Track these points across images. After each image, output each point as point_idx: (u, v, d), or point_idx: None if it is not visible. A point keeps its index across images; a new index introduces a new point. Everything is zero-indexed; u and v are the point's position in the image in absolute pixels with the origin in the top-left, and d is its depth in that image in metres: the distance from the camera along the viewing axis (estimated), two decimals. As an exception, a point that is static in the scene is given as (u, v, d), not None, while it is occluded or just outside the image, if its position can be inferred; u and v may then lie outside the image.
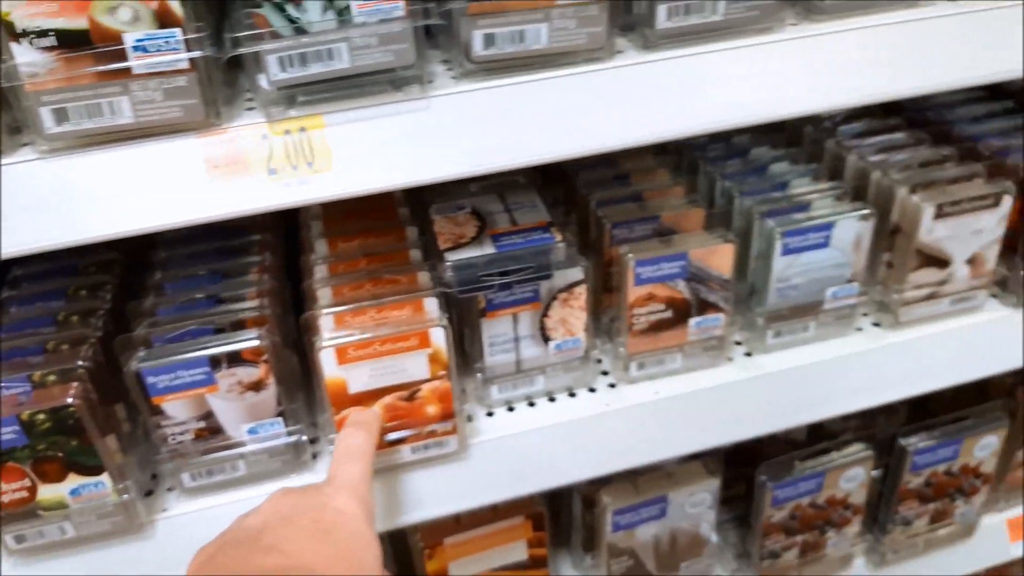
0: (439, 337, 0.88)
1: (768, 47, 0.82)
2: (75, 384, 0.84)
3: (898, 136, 1.15)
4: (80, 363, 0.86)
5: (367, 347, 0.86)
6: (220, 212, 0.73)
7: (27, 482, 0.86)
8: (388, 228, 1.05)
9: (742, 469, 1.32)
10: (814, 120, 1.21)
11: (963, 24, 0.87)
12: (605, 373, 1.09)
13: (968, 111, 1.21)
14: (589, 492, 1.23)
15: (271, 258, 1.03)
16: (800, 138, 1.22)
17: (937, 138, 1.14)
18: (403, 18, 0.72)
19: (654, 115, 0.81)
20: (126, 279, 1.03)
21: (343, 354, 0.86)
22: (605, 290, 1.10)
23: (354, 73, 0.74)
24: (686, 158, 1.19)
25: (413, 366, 0.89)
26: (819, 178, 1.09)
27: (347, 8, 0.71)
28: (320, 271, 0.98)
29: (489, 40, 0.75)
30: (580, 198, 1.11)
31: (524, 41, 0.76)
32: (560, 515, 1.35)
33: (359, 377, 0.88)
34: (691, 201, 1.07)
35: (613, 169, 1.16)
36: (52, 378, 0.85)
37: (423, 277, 0.95)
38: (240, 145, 0.73)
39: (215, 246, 1.05)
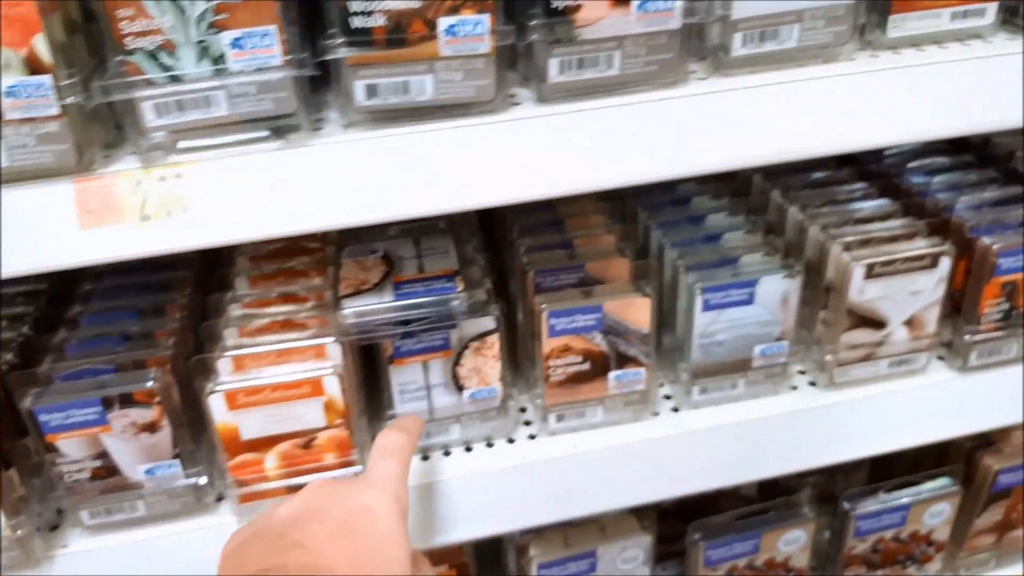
0: (332, 385, 0.87)
1: (672, 102, 0.80)
2: (-34, 420, 0.84)
3: (844, 188, 1.12)
4: (-23, 398, 0.87)
5: (258, 394, 0.85)
6: (92, 258, 0.73)
7: (-83, 515, 0.86)
8: (313, 267, 1.04)
9: (685, 524, 1.28)
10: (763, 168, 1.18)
11: (896, 80, 0.84)
12: (528, 423, 1.07)
13: (923, 163, 1.17)
14: (522, 542, 1.21)
15: (191, 296, 1.02)
16: (748, 187, 1.19)
17: (885, 190, 1.11)
18: (280, 67, 0.71)
19: (543, 171, 0.79)
20: (50, 311, 1.04)
21: (232, 400, 0.85)
22: (534, 338, 1.07)
23: (234, 120, 0.73)
24: (628, 205, 1.17)
25: (308, 414, 0.88)
26: (755, 231, 1.06)
27: (223, 56, 0.70)
28: (234, 310, 0.97)
29: (372, 91, 0.74)
30: (512, 244, 1.09)
31: (408, 92, 0.75)
32: (500, 561, 1.33)
33: (251, 423, 0.87)
34: (619, 250, 1.04)
35: (550, 213, 1.14)
36: (-50, 412, 0.86)
37: (334, 319, 0.94)
38: (114, 191, 0.72)
39: (142, 280, 1.05)
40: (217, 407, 0.85)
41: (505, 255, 1.13)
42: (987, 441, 1.24)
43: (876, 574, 1.26)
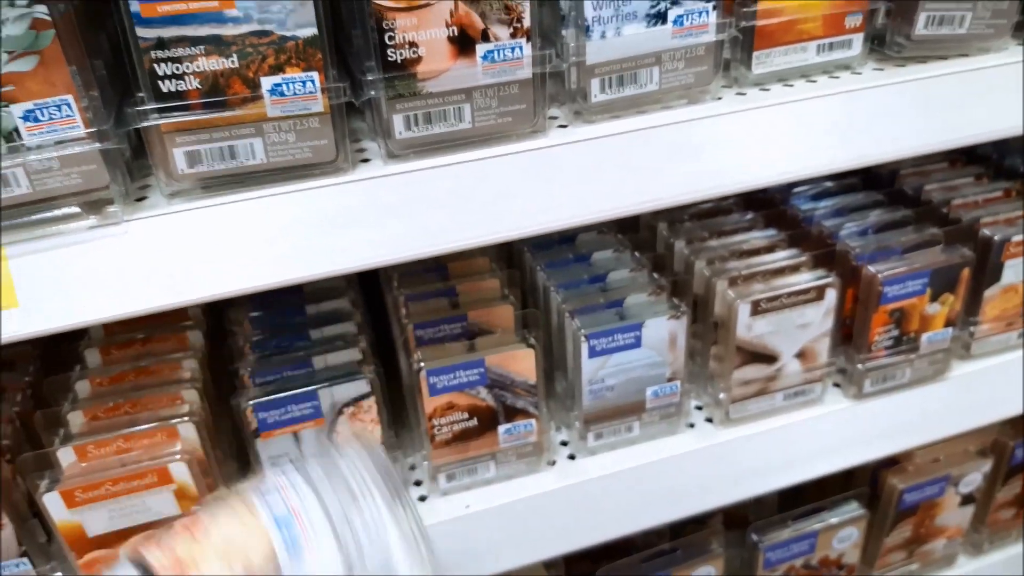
0: (182, 472, 0.79)
1: (532, 154, 0.75)
2: None
3: (730, 219, 1.09)
4: None
5: (98, 488, 0.77)
6: None
7: None
8: (173, 332, 0.96)
9: (598, 562, 1.24)
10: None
11: (764, 119, 0.81)
12: (419, 483, 1.01)
13: (808, 188, 1.15)
14: (425, 599, 1.15)
15: (35, 374, 0.94)
16: (636, 221, 1.15)
17: (771, 219, 1.08)
18: (83, 139, 0.64)
19: (398, 232, 0.73)
20: None
21: (71, 498, 0.77)
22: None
23: (37, 199, 0.66)
24: (514, 244, 1.12)
25: (158, 503, 0.80)
26: (640, 268, 1.02)
27: (16, 131, 0.63)
28: (82, 388, 0.89)
29: (194, 158, 0.67)
30: (392, 293, 1.03)
31: (236, 157, 0.68)
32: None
33: (96, 520, 0.79)
34: (503, 297, 0.99)
35: (432, 259, 1.08)
36: None
37: (190, 395, 0.87)
38: (-97, 285, 0.64)
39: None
40: (54, 506, 0.77)
41: (387, 303, 1.07)
42: (890, 461, 1.23)
43: (789, 603, 1.24)
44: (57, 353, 0.96)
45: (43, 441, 0.83)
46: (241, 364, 0.91)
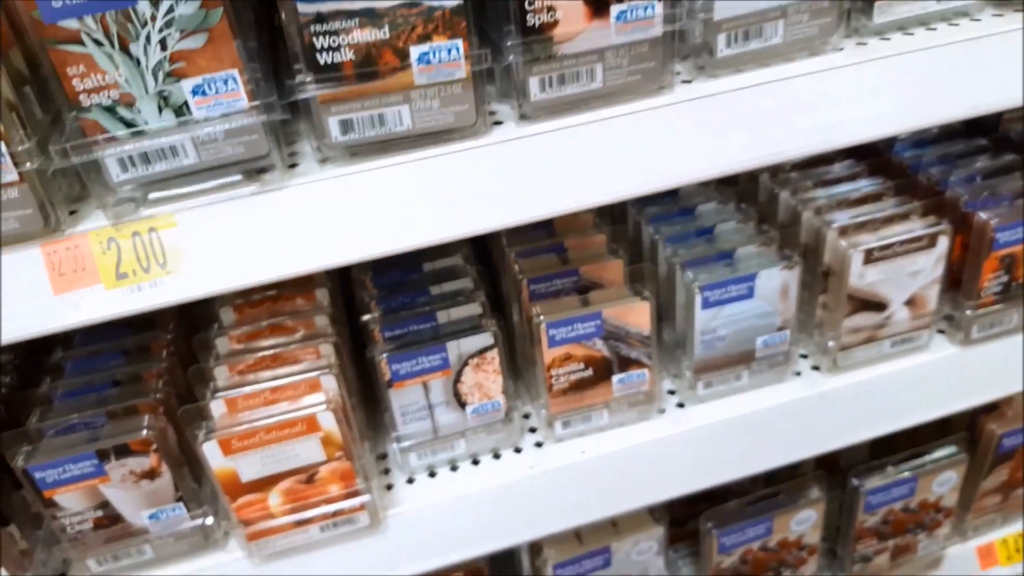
0: (328, 421, 0.85)
1: (660, 111, 0.77)
2: (-42, 485, 0.82)
3: (834, 168, 1.10)
4: (-33, 460, 0.84)
5: (252, 437, 0.83)
6: (69, 323, 0.70)
7: (-80, 584, 0.85)
8: (301, 291, 1.01)
9: (697, 506, 1.28)
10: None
11: (885, 69, 0.81)
12: (534, 430, 1.05)
13: (912, 135, 1.15)
14: (536, 541, 1.20)
15: (175, 330, 1.00)
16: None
17: (875, 169, 1.08)
18: (247, 111, 0.68)
19: (533, 191, 0.76)
20: (32, 356, 1.01)
21: (227, 446, 0.83)
22: (532, 343, 1.05)
23: (204, 167, 0.70)
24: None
25: (305, 450, 0.86)
26: (747, 220, 1.04)
27: (185, 105, 0.67)
28: (222, 345, 0.95)
29: (346, 126, 0.71)
30: (502, 250, 1.06)
31: (385, 124, 0.71)
32: (510, 558, 1.32)
33: (250, 466, 0.85)
34: (612, 252, 1.02)
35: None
36: (-59, 476, 0.83)
37: (326, 349, 0.92)
38: (85, 251, 0.69)
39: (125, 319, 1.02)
40: (212, 454, 0.83)
41: (496, 261, 1.11)
42: (990, 406, 1.24)
43: (887, 544, 1.26)
44: (193, 313, 1.02)
45: (195, 394, 0.89)
46: (370, 319, 0.96)
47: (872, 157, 1.10)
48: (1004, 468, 1.28)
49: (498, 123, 0.77)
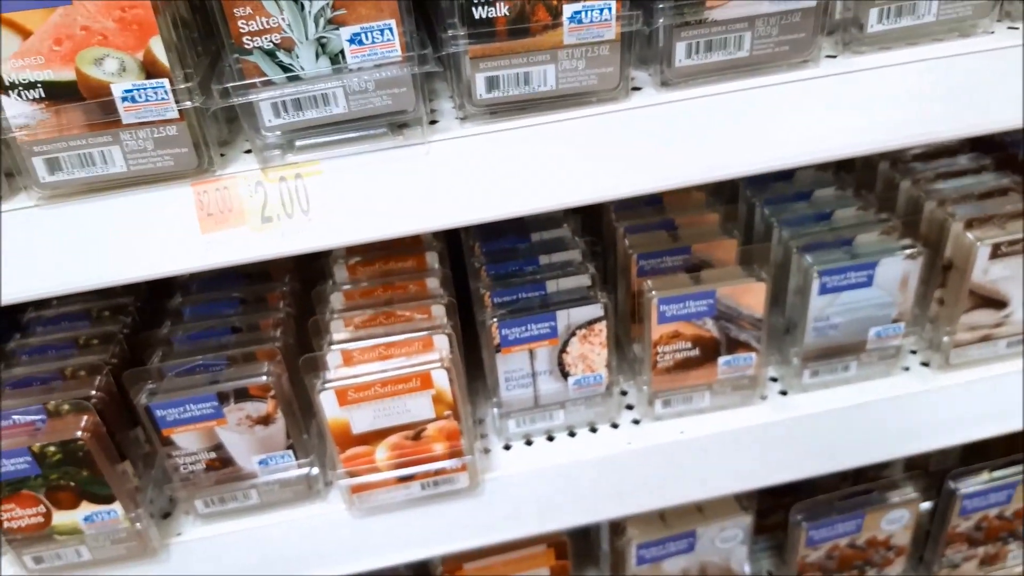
0: (441, 379, 0.85)
1: (806, 83, 0.76)
2: (85, 417, 0.85)
3: (960, 160, 1.07)
4: (93, 393, 0.87)
5: (367, 389, 0.84)
6: (213, 262, 0.72)
7: (42, 508, 0.88)
8: (412, 253, 1.02)
9: (782, 499, 1.27)
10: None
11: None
12: (630, 407, 1.05)
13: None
14: (619, 520, 1.20)
15: (291, 282, 1.01)
16: (852, 160, 1.14)
17: (1002, 163, 1.05)
18: (399, 62, 0.69)
19: (671, 159, 0.75)
20: (152, 301, 1.04)
21: (343, 396, 0.84)
22: (634, 320, 1.05)
23: (352, 118, 0.71)
24: (727, 181, 1.12)
25: (417, 407, 0.87)
26: (867, 207, 1.01)
27: (341, 53, 0.68)
28: (336, 300, 0.96)
29: (492, 83, 0.71)
30: (610, 224, 1.06)
31: (529, 84, 0.72)
32: (589, 535, 1.33)
33: (362, 418, 0.87)
34: (725, 231, 1.01)
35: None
36: (67, 407, 0.86)
37: (438, 310, 0.93)
38: (234, 193, 0.71)
39: (240, 267, 1.04)
40: (328, 404, 0.85)
41: (602, 234, 1.10)
42: (1100, 417, 1.20)
43: (977, 551, 1.23)
44: (306, 267, 1.04)
45: (311, 346, 0.91)
46: (482, 284, 0.96)
47: (998, 151, 1.07)
48: (1106, 483, 1.24)
49: (636, 89, 0.76)
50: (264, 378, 0.86)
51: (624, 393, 1.07)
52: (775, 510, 1.29)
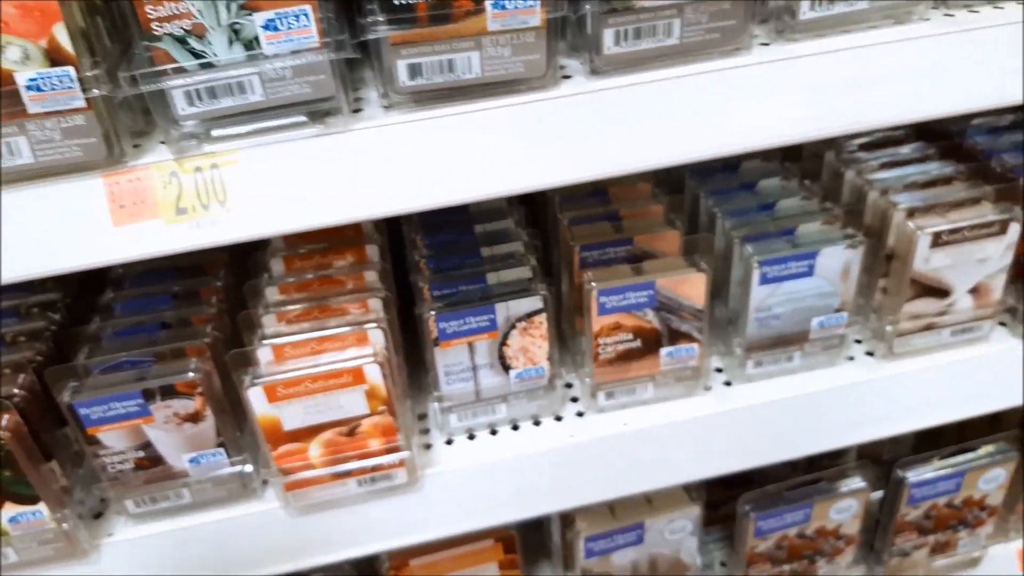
0: (374, 374, 0.84)
1: (737, 71, 0.74)
2: (6, 416, 0.82)
3: (904, 150, 1.06)
4: (15, 392, 0.84)
5: (297, 385, 0.82)
6: (126, 255, 0.70)
7: (-36, 510, 0.85)
8: (351, 246, 1.00)
9: (734, 490, 1.26)
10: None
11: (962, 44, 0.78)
12: (575, 400, 1.04)
13: (986, 121, 1.11)
14: (569, 513, 1.19)
15: (225, 278, 0.99)
16: (799, 150, 1.13)
17: (947, 152, 1.05)
18: (317, 49, 0.66)
19: (601, 148, 0.74)
20: (83, 297, 1.01)
21: (272, 393, 0.82)
22: (579, 312, 1.04)
23: (270, 106, 0.69)
24: (674, 171, 1.11)
25: (350, 402, 0.85)
26: (811, 197, 1.01)
27: (255, 40, 0.66)
28: (271, 295, 0.94)
29: (415, 70, 0.69)
30: (555, 216, 1.05)
31: (454, 71, 0.70)
32: (543, 528, 1.32)
33: (293, 414, 0.85)
34: (669, 222, 1.00)
35: (593, 183, 1.08)
36: (-11, 405, 0.83)
37: (375, 303, 0.91)
38: (147, 184, 0.68)
39: (174, 263, 1.01)
40: (257, 400, 0.83)
41: (547, 226, 1.09)
42: (1045, 405, 1.20)
43: (928, 540, 1.23)
44: (243, 261, 1.01)
45: (244, 340, 0.88)
46: (420, 277, 0.94)
47: (943, 140, 1.06)
48: (1053, 470, 1.25)
49: (567, 77, 0.75)
50: (191, 374, 0.84)
51: (569, 386, 1.05)
52: (727, 501, 1.28)
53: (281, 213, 0.72)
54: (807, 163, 1.11)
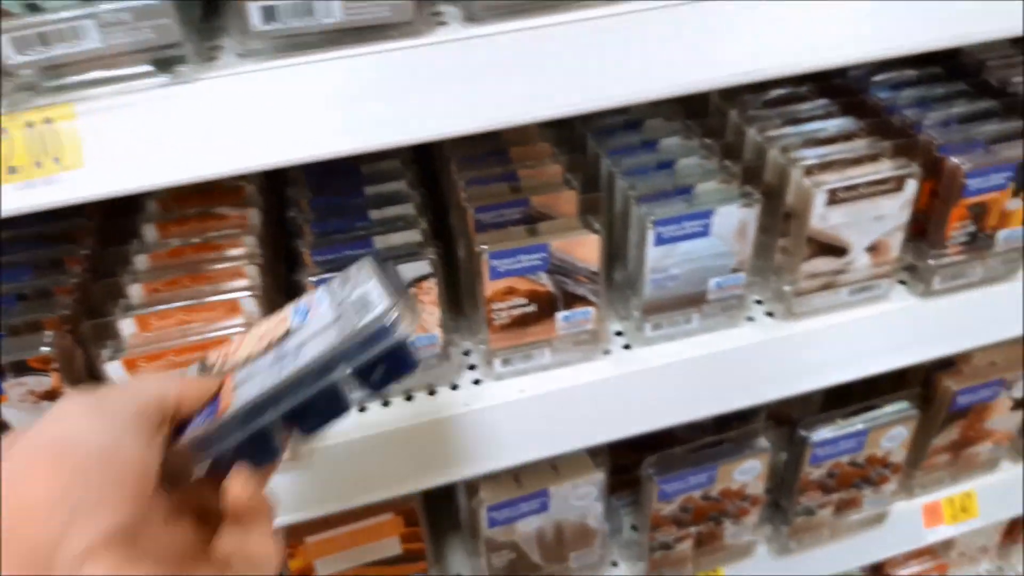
0: (247, 345, 0.79)
1: (623, 18, 0.71)
2: None
3: (805, 106, 1.04)
4: None
5: (160, 358, 0.77)
6: (-51, 219, 0.63)
7: None
8: (231, 210, 0.94)
9: (643, 453, 1.25)
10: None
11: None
12: (473, 367, 1.00)
13: (888, 77, 1.10)
14: (473, 482, 1.16)
15: (94, 246, 0.92)
16: (706, 107, 1.10)
17: (848, 108, 1.03)
18: (156, -11, 0.60)
19: (474, 99, 0.70)
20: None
21: (133, 367, 0.77)
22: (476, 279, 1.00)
23: (107, 54, 0.63)
24: (576, 130, 1.08)
25: (222, 376, 0.80)
26: (711, 156, 0.98)
27: (85, -21, 0.59)
28: (140, 263, 0.88)
29: (269, 14, 0.64)
30: (451, 177, 1.00)
31: (313, 15, 0.64)
32: (452, 497, 1.29)
33: (161, 389, 0.79)
34: (566, 182, 0.96)
35: (493, 142, 1.05)
36: None
37: (251, 270, 0.86)
38: (-30, 140, 0.62)
39: (37, 231, 0.94)
40: (118, 376, 0.77)
41: (444, 188, 1.05)
42: (946, 362, 1.21)
43: (832, 498, 1.24)
44: (114, 228, 0.95)
45: (104, 311, 0.82)
46: (302, 242, 0.89)
47: (846, 96, 1.05)
48: (956, 426, 1.26)
49: (443, 24, 0.70)
50: (45, 348, 0.77)
51: (467, 354, 1.02)
52: (637, 465, 1.27)
53: (128, 171, 0.66)
54: (712, 120, 1.08)
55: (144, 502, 0.49)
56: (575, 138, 1.08)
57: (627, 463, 1.28)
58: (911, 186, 0.93)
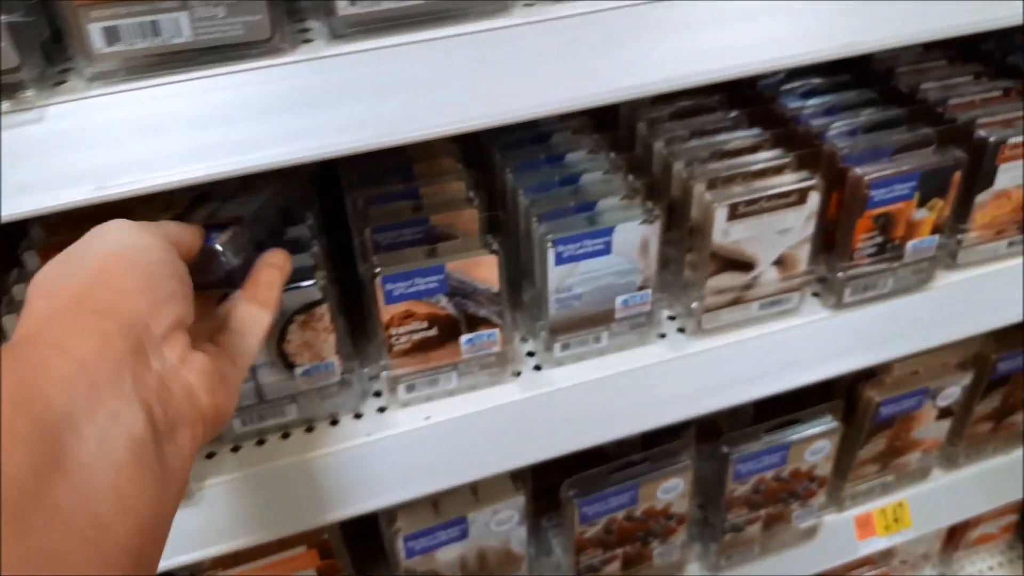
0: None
1: (503, 32, 0.68)
2: None
3: (713, 118, 1.03)
4: None
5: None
6: None
7: None
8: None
9: (569, 475, 1.22)
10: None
11: None
12: (378, 394, 0.97)
13: (798, 85, 1.09)
14: (391, 511, 1.13)
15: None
16: (616, 119, 1.08)
17: (756, 118, 1.02)
18: (-17, 11, 0.57)
19: (340, 120, 0.67)
20: None
21: None
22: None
23: (-62, 78, 0.59)
24: (484, 143, 1.05)
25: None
26: (615, 170, 0.96)
27: (-98, -1, 0.56)
28: (19, 292, 0.84)
29: (112, 35, 0.60)
30: (351, 194, 0.97)
31: (160, 34, 0.61)
32: (376, 527, 1.25)
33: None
34: (468, 200, 0.94)
35: (396, 157, 1.02)
36: None
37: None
38: None
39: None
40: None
41: (346, 207, 1.01)
42: (868, 373, 1.20)
43: (759, 514, 1.23)
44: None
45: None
46: (186, 268, 0.85)
47: (755, 105, 1.04)
48: (883, 436, 1.25)
49: (308, 41, 0.67)
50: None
51: (373, 379, 0.99)
52: (559, 487, 1.24)
53: (-33, 202, 0.62)
54: (623, 132, 1.06)
55: (191, 303, 0.60)
56: (483, 152, 1.05)
57: (555, 483, 1.25)
58: (814, 199, 0.91)
